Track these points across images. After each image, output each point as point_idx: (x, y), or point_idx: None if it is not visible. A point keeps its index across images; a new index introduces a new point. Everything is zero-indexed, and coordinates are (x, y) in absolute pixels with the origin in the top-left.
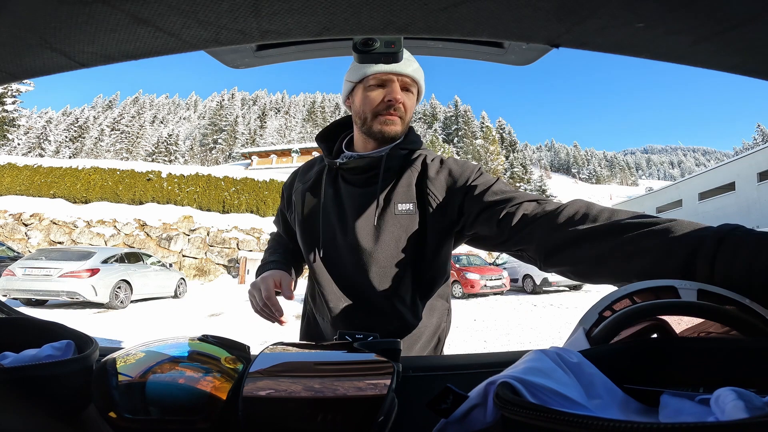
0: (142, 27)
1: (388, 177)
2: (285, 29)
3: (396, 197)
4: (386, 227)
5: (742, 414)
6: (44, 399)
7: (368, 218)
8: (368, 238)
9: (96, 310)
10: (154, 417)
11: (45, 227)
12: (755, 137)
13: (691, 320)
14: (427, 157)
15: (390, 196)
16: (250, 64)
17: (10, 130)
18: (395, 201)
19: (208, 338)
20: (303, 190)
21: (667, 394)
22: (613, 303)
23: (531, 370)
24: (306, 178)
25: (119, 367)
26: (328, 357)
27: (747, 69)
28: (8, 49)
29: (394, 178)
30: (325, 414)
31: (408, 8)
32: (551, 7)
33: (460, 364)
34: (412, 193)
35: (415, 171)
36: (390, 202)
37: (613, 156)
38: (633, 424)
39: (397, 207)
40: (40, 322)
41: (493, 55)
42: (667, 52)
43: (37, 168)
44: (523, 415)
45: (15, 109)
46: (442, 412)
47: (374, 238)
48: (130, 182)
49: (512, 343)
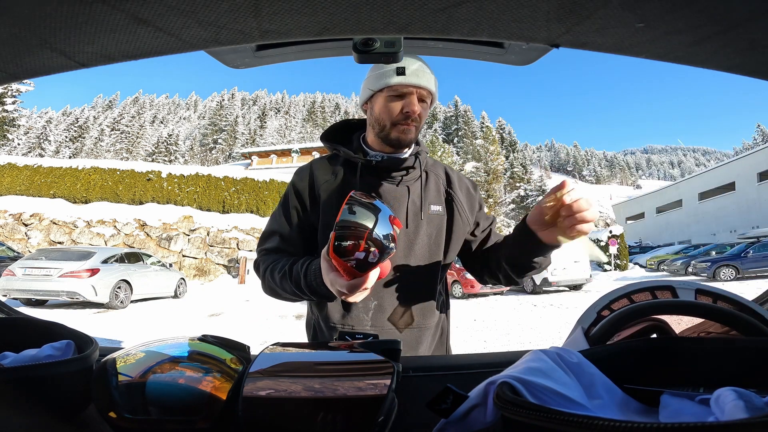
0: (142, 27)
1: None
2: (285, 29)
3: (428, 199)
4: (422, 225)
5: (742, 414)
6: (44, 399)
7: (403, 216)
8: (405, 234)
9: (96, 310)
10: (154, 417)
11: (45, 227)
12: (755, 137)
13: (691, 320)
14: (446, 167)
15: (425, 195)
16: (250, 64)
17: (10, 130)
18: (428, 202)
19: (208, 338)
20: (334, 184)
21: (667, 394)
22: (611, 302)
23: (531, 370)
24: (331, 174)
25: (119, 367)
26: (328, 357)
27: (747, 69)
28: (8, 49)
29: (425, 180)
30: (325, 414)
31: (408, 8)
32: (551, 7)
33: (460, 364)
34: (441, 197)
35: (440, 177)
36: (424, 202)
37: (613, 156)
38: (633, 424)
39: (430, 208)
40: (40, 322)
41: (493, 55)
42: (667, 52)
43: (37, 168)
44: (523, 415)
45: (15, 109)
46: (442, 412)
47: (413, 233)
48: (130, 182)
49: (512, 343)
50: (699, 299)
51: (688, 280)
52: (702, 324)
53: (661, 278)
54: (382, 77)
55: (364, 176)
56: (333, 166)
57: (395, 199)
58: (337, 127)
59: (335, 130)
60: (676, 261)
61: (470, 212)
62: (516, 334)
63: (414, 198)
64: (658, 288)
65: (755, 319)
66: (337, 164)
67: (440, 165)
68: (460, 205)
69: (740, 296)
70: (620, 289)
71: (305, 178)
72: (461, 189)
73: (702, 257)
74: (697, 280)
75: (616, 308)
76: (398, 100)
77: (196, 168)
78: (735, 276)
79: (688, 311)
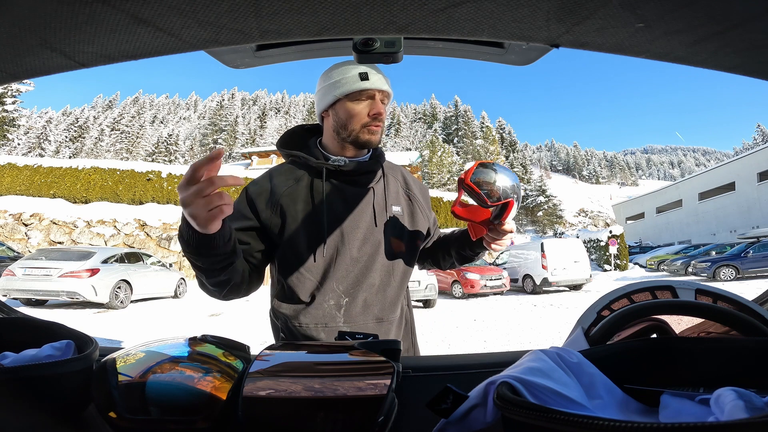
0: (142, 27)
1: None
2: (285, 29)
3: (390, 199)
4: (387, 224)
5: (742, 414)
6: (44, 399)
7: (371, 215)
8: (374, 230)
9: (96, 310)
10: (154, 417)
11: (45, 227)
12: (755, 137)
13: (691, 320)
14: (402, 170)
15: (387, 196)
16: (250, 64)
17: (10, 130)
18: (390, 203)
19: (208, 338)
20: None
21: (667, 394)
22: (611, 302)
23: (531, 370)
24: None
25: (119, 367)
26: (328, 357)
27: (747, 69)
28: (8, 49)
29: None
30: (325, 414)
31: (408, 8)
32: (551, 7)
33: (460, 364)
34: (401, 198)
35: (398, 179)
36: (387, 202)
37: (613, 156)
38: (633, 424)
39: (392, 208)
40: (40, 322)
41: (493, 55)
42: (667, 52)
43: (37, 168)
44: (523, 415)
45: (15, 109)
46: (442, 412)
47: (379, 232)
48: (130, 182)
49: (512, 343)
50: (699, 299)
51: (688, 280)
52: (702, 324)
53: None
54: (346, 83)
55: (328, 180)
56: (294, 172)
57: (361, 200)
58: (293, 132)
59: (292, 135)
60: (676, 261)
61: (428, 210)
62: (516, 334)
63: (378, 199)
64: (658, 288)
65: (755, 319)
66: (298, 169)
67: (397, 167)
68: (420, 204)
69: (740, 296)
70: (620, 289)
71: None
72: (417, 189)
73: (702, 257)
74: (697, 280)
75: (616, 308)
76: (364, 104)
77: None
78: (735, 276)
79: (688, 311)
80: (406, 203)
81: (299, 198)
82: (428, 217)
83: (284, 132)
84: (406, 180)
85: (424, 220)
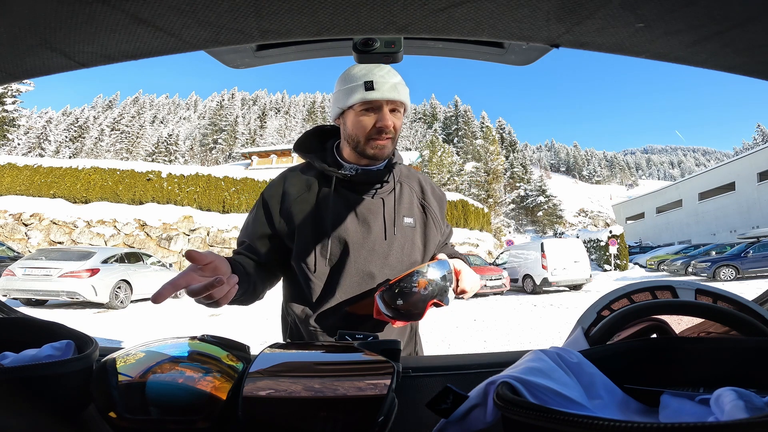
0: (142, 27)
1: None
2: (285, 29)
3: (401, 211)
4: (396, 237)
5: (742, 414)
6: (44, 399)
7: (381, 227)
8: (382, 243)
9: (96, 310)
10: (154, 417)
11: (45, 227)
12: (755, 137)
13: (691, 320)
14: (420, 179)
15: (398, 209)
16: (250, 64)
17: (10, 130)
18: (401, 214)
19: (208, 338)
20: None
21: (667, 394)
22: (611, 302)
23: (531, 370)
24: (304, 187)
25: (119, 367)
26: (328, 357)
27: (747, 69)
28: (8, 49)
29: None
30: (325, 414)
31: (408, 8)
32: (551, 7)
33: (460, 364)
34: (414, 209)
35: (414, 189)
36: (397, 214)
37: (613, 156)
38: (633, 424)
39: (404, 220)
40: (40, 322)
41: (493, 55)
42: (667, 52)
43: (37, 168)
44: (523, 415)
45: (15, 109)
46: (442, 412)
47: (388, 245)
48: (130, 182)
49: (512, 343)
50: (699, 299)
51: (688, 280)
52: (702, 324)
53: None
54: (350, 93)
55: (338, 189)
56: (307, 176)
57: (370, 211)
58: (311, 134)
59: (309, 137)
60: (676, 261)
61: (442, 221)
62: (516, 334)
63: (388, 210)
64: (658, 288)
65: (755, 319)
66: (311, 175)
67: (414, 176)
68: (434, 216)
69: (740, 296)
70: (620, 289)
71: (276, 194)
72: (435, 199)
73: (702, 257)
74: (697, 280)
75: (616, 308)
76: (370, 115)
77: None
78: (735, 276)
79: (688, 311)
80: (419, 215)
81: (308, 206)
82: (440, 229)
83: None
84: (423, 189)
85: (436, 232)
